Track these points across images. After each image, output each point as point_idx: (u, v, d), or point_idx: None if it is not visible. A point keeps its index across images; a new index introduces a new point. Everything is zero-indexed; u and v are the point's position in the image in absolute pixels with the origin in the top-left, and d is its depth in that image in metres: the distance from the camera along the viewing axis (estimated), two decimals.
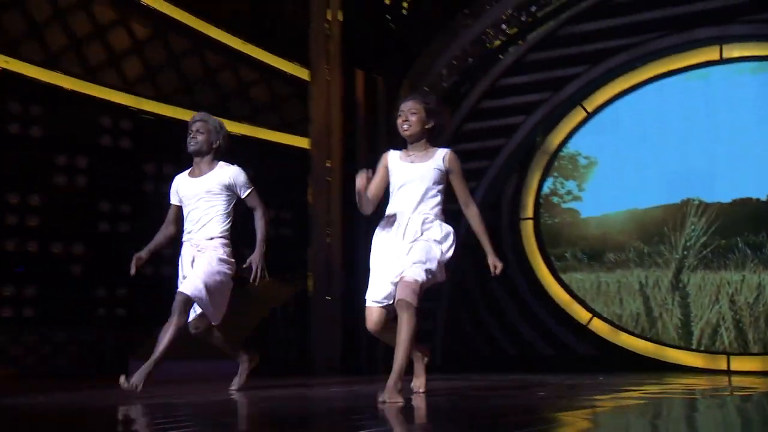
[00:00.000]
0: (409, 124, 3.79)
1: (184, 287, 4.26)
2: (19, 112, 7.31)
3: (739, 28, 7.18)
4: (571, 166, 8.07)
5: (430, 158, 3.82)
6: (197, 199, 4.46)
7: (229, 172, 4.50)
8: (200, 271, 4.32)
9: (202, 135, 4.49)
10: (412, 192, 3.78)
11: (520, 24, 7.39)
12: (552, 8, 7.26)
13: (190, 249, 4.44)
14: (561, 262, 7.88)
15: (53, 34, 7.59)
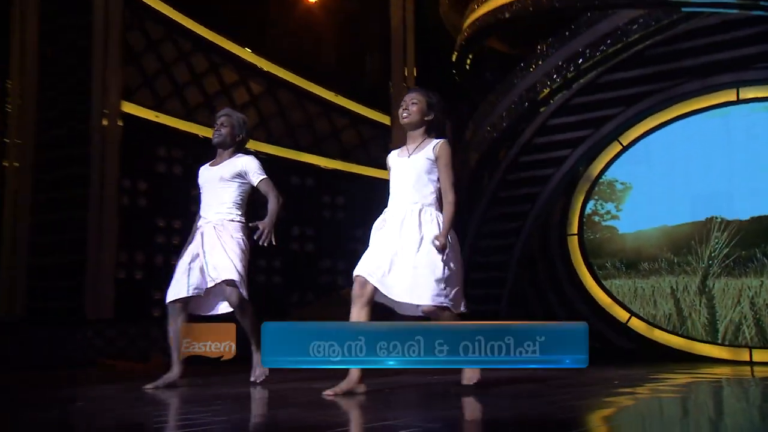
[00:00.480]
0: (408, 112, 3.60)
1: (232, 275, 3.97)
2: (165, 155, 8.01)
3: (753, 73, 7.25)
4: (609, 191, 8.15)
5: (423, 149, 3.58)
6: (211, 185, 4.26)
7: (243, 160, 4.24)
8: (232, 255, 4.03)
9: (225, 128, 4.28)
10: (406, 182, 3.57)
11: (567, 73, 7.41)
12: (593, 61, 7.26)
13: (212, 230, 4.14)
14: (602, 270, 7.94)
15: (192, 94, 8.36)
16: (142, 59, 8.06)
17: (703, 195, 7.54)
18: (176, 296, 4.06)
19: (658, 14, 6.54)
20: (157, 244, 7.85)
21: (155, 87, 8.08)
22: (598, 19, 6.71)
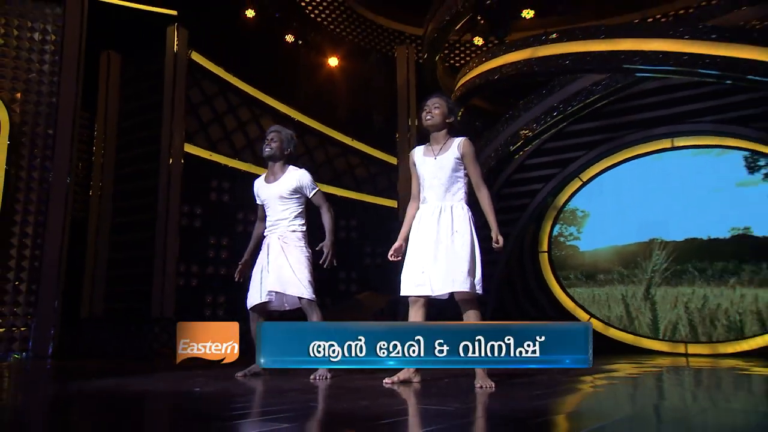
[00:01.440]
0: (431, 115, 3.36)
1: (305, 294, 3.79)
2: (216, 186, 8.34)
3: (684, 126, 7.65)
4: (572, 217, 8.47)
5: (449, 149, 3.32)
6: (273, 202, 3.96)
7: (297, 175, 3.96)
8: (296, 267, 3.82)
9: (275, 143, 3.98)
10: (436, 182, 3.30)
11: (544, 123, 7.46)
12: (564, 114, 7.32)
13: (276, 240, 3.90)
14: (567, 281, 8.29)
15: (237, 138, 8.72)
16: (199, 110, 8.53)
17: (646, 221, 7.90)
18: (253, 303, 3.97)
19: (616, 78, 6.87)
20: (209, 257, 8.18)
21: (209, 132, 8.47)
22: (569, 81, 7.07)
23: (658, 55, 5.63)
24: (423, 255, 3.27)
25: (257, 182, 4.16)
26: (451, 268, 3.16)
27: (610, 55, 5.86)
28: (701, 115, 7.53)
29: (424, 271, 3.23)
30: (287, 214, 3.97)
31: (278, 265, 3.85)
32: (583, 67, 6.16)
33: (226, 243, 8.37)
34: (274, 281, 3.86)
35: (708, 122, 7.23)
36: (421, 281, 3.23)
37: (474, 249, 3.23)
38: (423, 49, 8.30)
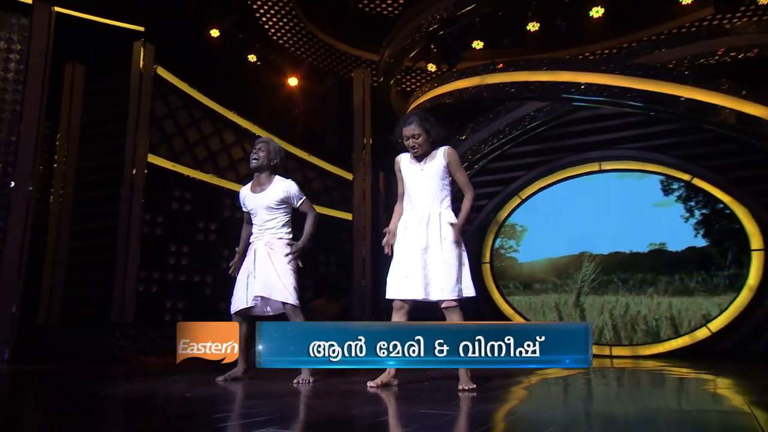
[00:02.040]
0: (417, 143, 3.21)
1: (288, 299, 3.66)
2: (178, 195, 8.02)
3: (612, 152, 7.91)
4: (511, 231, 8.60)
5: (435, 158, 3.22)
6: (260, 211, 3.80)
7: (284, 186, 3.82)
8: (282, 273, 3.69)
9: (263, 152, 3.82)
10: (423, 190, 3.20)
11: (491, 145, 7.59)
12: (509, 137, 7.49)
13: (263, 247, 3.75)
14: (506, 289, 8.39)
15: (200, 150, 8.42)
16: (163, 122, 8.21)
17: (576, 236, 8.11)
18: (238, 308, 3.79)
19: (556, 106, 7.04)
20: (169, 264, 7.87)
21: (173, 144, 8.18)
22: (515, 107, 7.21)
23: (593, 87, 5.82)
24: (409, 261, 3.15)
25: (243, 191, 3.99)
26: (440, 276, 3.08)
27: (551, 85, 6.00)
28: (626, 142, 7.81)
29: (409, 276, 3.13)
30: (274, 223, 3.85)
31: (264, 271, 3.72)
32: (527, 95, 6.29)
33: (186, 251, 8.08)
34: (260, 286, 3.71)
35: (632, 149, 7.51)
36: (406, 286, 3.13)
37: (462, 255, 3.18)
38: (378, 73, 8.29)
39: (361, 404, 2.46)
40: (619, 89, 5.82)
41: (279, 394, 2.88)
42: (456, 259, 3.12)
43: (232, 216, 8.62)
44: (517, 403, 2.67)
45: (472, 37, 7.38)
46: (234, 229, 8.47)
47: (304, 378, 3.50)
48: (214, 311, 7.93)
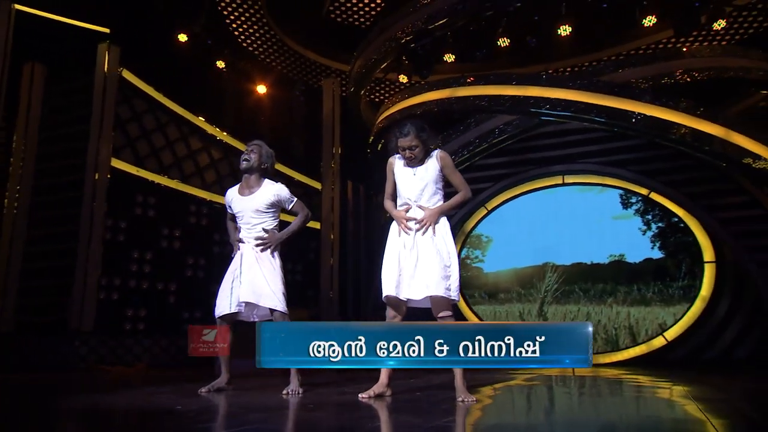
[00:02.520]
0: (413, 154, 3.18)
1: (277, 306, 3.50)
2: (141, 201, 7.80)
3: (574, 166, 8.08)
4: (477, 242, 8.70)
5: (428, 162, 3.22)
6: (248, 214, 3.66)
7: (274, 190, 3.70)
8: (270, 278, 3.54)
9: (254, 155, 3.72)
10: (419, 196, 3.20)
11: (461, 156, 7.64)
12: (479, 149, 7.57)
13: (250, 251, 3.60)
14: (472, 299, 8.47)
15: (165, 155, 8.23)
16: (127, 126, 7.97)
17: (540, 247, 8.29)
18: (223, 312, 3.60)
19: (524, 120, 7.18)
20: (131, 271, 7.62)
21: (137, 148, 7.96)
22: (484, 120, 7.33)
23: (561, 102, 5.98)
24: (402, 260, 3.13)
25: (231, 193, 3.82)
26: (426, 274, 3.06)
27: (521, 99, 6.13)
28: (589, 156, 8.04)
29: (401, 273, 3.11)
30: (264, 226, 3.68)
31: (252, 276, 3.55)
32: (498, 108, 6.41)
33: (149, 258, 7.86)
34: (247, 292, 3.54)
35: (594, 163, 7.73)
36: (398, 283, 3.10)
37: (451, 256, 3.15)
38: (349, 83, 8.30)
39: (361, 416, 2.41)
40: (585, 105, 6.01)
41: (273, 407, 2.79)
42: (445, 258, 3.11)
43: (197, 223, 8.49)
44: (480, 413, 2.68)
45: (443, 49, 7.48)
46: (199, 236, 8.60)
47: (293, 389, 3.41)
48: (178, 320, 7.85)
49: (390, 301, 3.15)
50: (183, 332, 7.91)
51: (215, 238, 8.63)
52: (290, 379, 3.48)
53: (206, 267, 8.43)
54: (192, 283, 8.22)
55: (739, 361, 7.08)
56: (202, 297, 8.31)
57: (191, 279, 8.26)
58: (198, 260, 8.40)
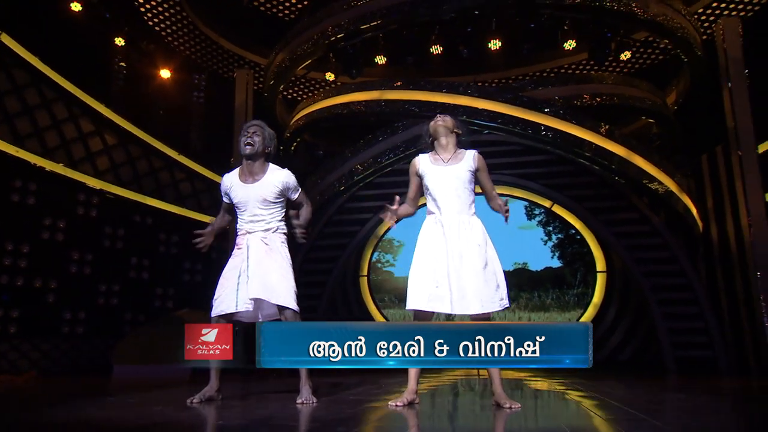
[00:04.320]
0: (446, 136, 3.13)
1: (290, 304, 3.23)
2: (20, 186, 6.85)
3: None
4: (389, 246, 8.78)
5: (461, 160, 3.09)
6: (253, 204, 3.32)
7: (282, 177, 3.37)
8: (285, 273, 3.28)
9: (258, 137, 3.34)
10: (452, 192, 3.07)
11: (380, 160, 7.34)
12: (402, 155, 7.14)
13: (259, 242, 3.29)
14: (382, 302, 8.47)
15: (50, 135, 7.24)
16: (5, 99, 6.89)
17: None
18: (223, 311, 3.24)
19: None
20: (5, 266, 6.62)
21: (17, 125, 6.90)
22: (414, 125, 7.06)
23: (489, 113, 6.06)
24: (438, 269, 2.96)
25: (229, 180, 3.43)
26: (477, 287, 2.91)
27: (451, 108, 6.14)
28: (502, 168, 8.14)
29: (439, 286, 2.95)
30: (271, 217, 3.36)
31: (263, 271, 3.22)
32: (428, 114, 6.32)
33: (26, 251, 6.88)
34: (258, 288, 3.19)
35: (506, 174, 8.00)
36: (436, 296, 2.95)
37: (495, 264, 3.03)
38: (268, 77, 7.84)
39: None
40: (510, 117, 6.16)
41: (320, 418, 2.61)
42: (491, 269, 3.00)
43: (86, 214, 7.63)
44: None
45: (374, 51, 7.31)
46: (86, 229, 7.65)
47: (306, 398, 3.16)
48: (57, 320, 7.06)
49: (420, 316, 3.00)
50: (64, 335, 7.14)
51: (106, 231, 7.86)
52: (301, 388, 3.22)
53: (93, 263, 7.60)
54: (76, 281, 7.36)
55: (624, 362, 7.67)
56: (86, 297, 7.48)
57: (75, 276, 7.40)
58: (84, 255, 7.54)
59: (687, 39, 6.92)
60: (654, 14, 6.38)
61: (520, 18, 6.18)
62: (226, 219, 3.58)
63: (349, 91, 6.86)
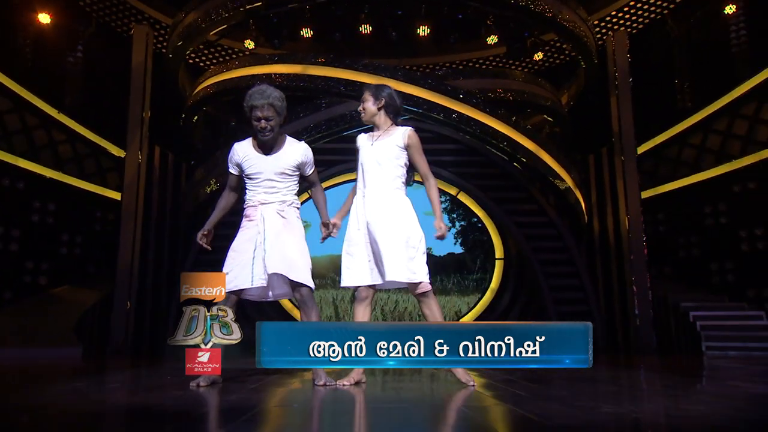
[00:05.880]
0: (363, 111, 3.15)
1: (308, 282, 3.18)
2: None
3: None
4: None
5: (390, 136, 3.11)
6: (269, 175, 3.19)
7: (301, 150, 3.27)
8: (302, 248, 3.23)
9: (272, 121, 3.14)
10: (372, 167, 3.10)
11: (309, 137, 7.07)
12: (321, 134, 7.10)
13: (275, 214, 3.18)
14: None
15: None
16: None
17: None
18: (239, 286, 3.07)
19: None
20: None
21: None
22: (337, 103, 7.04)
23: (415, 99, 6.21)
24: (356, 243, 3.06)
25: (243, 149, 3.24)
26: (389, 258, 2.97)
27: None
28: None
29: (356, 258, 3.04)
30: (287, 189, 3.26)
31: (281, 245, 3.11)
32: (352, 95, 6.33)
33: None
34: (276, 262, 3.07)
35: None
36: (357, 270, 3.06)
37: (412, 239, 3.06)
38: (174, 38, 7.29)
39: None
40: (434, 104, 6.36)
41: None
42: (407, 240, 3.02)
43: None
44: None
45: (301, 23, 7.07)
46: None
47: (327, 380, 3.06)
48: None
49: (359, 293, 3.10)
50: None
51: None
52: (317, 370, 3.09)
53: None
54: None
55: None
56: None
57: None
58: None
59: (588, 46, 7.60)
60: (565, 19, 6.92)
61: (448, 7, 6.35)
62: (232, 198, 3.37)
63: (270, 62, 6.60)
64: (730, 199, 8.55)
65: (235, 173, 3.31)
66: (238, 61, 7.03)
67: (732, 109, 8.38)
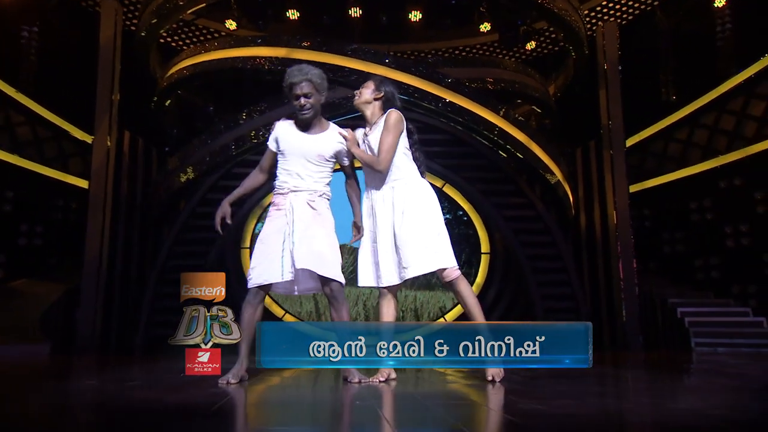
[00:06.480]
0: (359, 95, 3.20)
1: (338, 276, 3.07)
2: None
3: None
4: None
5: (378, 126, 3.13)
6: (306, 158, 3.11)
7: (340, 138, 3.22)
8: (333, 243, 3.13)
9: (311, 98, 3.08)
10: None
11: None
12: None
13: (305, 205, 3.11)
14: None
15: None
16: None
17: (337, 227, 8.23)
18: (269, 280, 3.01)
19: None
20: None
21: None
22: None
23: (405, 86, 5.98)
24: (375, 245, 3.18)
25: (283, 127, 3.16)
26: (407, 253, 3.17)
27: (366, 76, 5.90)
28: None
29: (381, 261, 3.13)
30: (320, 177, 3.20)
31: (311, 238, 3.02)
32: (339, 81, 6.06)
33: None
34: (306, 256, 2.98)
35: None
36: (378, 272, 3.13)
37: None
38: (147, 16, 6.84)
39: None
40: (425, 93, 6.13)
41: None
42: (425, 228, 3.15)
43: None
44: None
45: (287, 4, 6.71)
46: None
47: (361, 378, 3.00)
48: None
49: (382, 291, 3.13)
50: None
51: None
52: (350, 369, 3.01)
53: None
54: None
55: None
56: None
57: None
58: None
59: (580, 36, 7.46)
60: (559, 8, 6.75)
61: None
62: (260, 179, 3.31)
63: (253, 44, 6.24)
64: (715, 194, 8.59)
65: (272, 148, 3.20)
66: (218, 42, 6.65)
67: (719, 104, 8.39)
